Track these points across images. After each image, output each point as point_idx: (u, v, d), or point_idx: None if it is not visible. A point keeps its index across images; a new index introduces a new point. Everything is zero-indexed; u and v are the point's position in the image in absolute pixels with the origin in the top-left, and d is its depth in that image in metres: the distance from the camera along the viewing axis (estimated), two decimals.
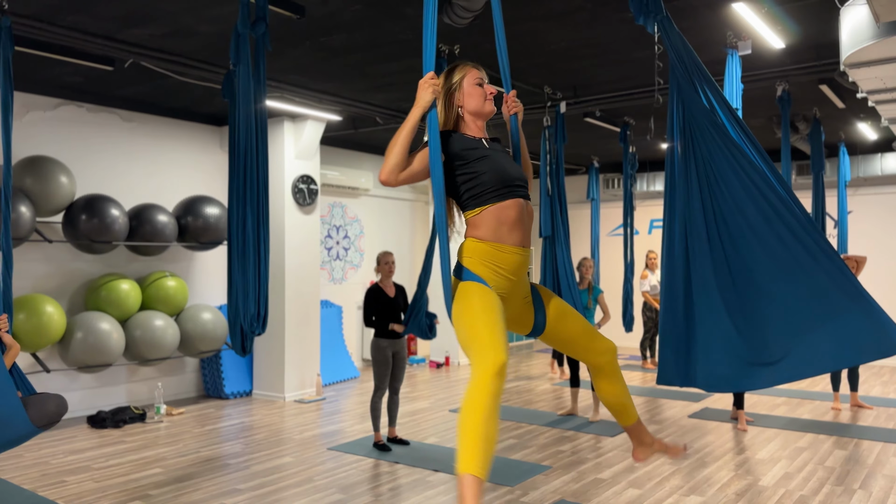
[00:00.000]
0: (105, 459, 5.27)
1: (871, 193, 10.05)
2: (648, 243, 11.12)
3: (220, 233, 7.06)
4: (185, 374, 7.65)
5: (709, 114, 3.21)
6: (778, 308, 2.92)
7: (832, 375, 6.99)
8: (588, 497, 4.41)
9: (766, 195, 3.00)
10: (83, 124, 6.82)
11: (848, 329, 2.76)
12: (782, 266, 2.91)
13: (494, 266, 2.54)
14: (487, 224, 2.56)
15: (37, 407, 3.79)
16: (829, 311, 2.80)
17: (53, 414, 3.81)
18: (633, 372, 9.28)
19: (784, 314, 2.90)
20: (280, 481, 4.75)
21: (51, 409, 3.79)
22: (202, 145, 7.83)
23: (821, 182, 6.95)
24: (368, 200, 10.00)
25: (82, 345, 6.09)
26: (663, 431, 6.08)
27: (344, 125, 8.01)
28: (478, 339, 2.49)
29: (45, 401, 3.83)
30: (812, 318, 2.84)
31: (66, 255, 6.58)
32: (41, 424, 3.81)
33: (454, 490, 4.55)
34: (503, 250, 2.54)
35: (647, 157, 10.67)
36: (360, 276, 9.84)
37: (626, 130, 7.56)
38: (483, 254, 2.54)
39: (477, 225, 2.57)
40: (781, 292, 2.90)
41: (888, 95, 4.77)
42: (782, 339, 2.91)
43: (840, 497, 4.39)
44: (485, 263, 2.54)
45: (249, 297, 4.53)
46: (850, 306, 2.76)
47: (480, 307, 2.51)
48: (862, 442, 5.71)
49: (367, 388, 8.17)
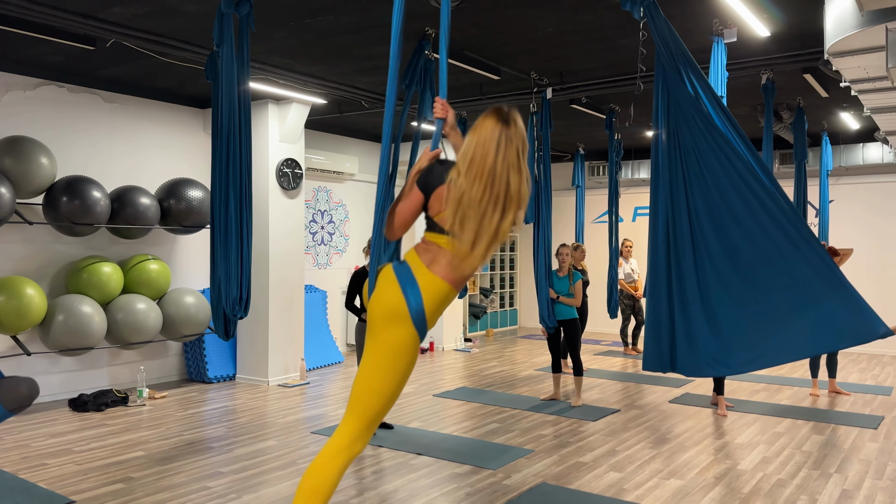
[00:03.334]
0: (87, 442, 5.24)
1: (852, 183, 10.16)
2: (633, 231, 11.19)
3: (202, 216, 7.01)
4: (167, 358, 7.61)
5: (694, 101, 3.23)
6: (759, 295, 2.96)
7: (811, 362, 7.09)
8: (569, 480, 4.45)
9: (749, 184, 3.03)
10: (64, 105, 6.72)
11: (827, 316, 2.80)
12: (764, 254, 2.95)
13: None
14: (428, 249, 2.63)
15: (8, 391, 3.75)
16: (809, 298, 2.85)
17: (25, 397, 3.77)
18: (615, 358, 9.36)
19: (765, 301, 2.94)
20: (263, 464, 4.75)
21: (22, 392, 3.75)
22: (185, 128, 7.75)
23: (803, 171, 7.00)
24: (353, 185, 9.96)
25: (63, 328, 6.03)
26: (644, 416, 6.15)
27: (329, 109, 7.95)
28: (380, 399, 2.59)
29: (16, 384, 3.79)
30: (792, 305, 2.88)
31: (46, 237, 6.51)
32: (12, 408, 3.77)
33: (438, 473, 4.58)
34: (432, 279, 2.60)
35: (633, 145, 10.70)
36: (344, 261, 9.82)
37: (612, 117, 7.57)
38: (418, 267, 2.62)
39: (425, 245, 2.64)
40: (763, 280, 2.95)
41: (871, 85, 4.80)
42: (763, 325, 2.95)
43: (816, 481, 4.46)
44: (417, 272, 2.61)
45: (232, 280, 4.50)
46: (830, 294, 2.80)
47: (400, 355, 2.61)
48: (839, 427, 5.81)
49: (351, 372, 8.18)
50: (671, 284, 3.22)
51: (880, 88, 4.88)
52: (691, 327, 3.13)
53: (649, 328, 3.28)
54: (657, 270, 3.27)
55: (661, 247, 3.27)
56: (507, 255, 12.64)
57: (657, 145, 3.33)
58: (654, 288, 3.29)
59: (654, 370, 3.28)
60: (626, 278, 9.54)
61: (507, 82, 6.69)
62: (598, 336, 11.43)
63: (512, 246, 12.78)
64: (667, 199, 3.26)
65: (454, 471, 4.62)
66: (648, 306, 3.31)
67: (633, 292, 9.52)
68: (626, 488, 4.32)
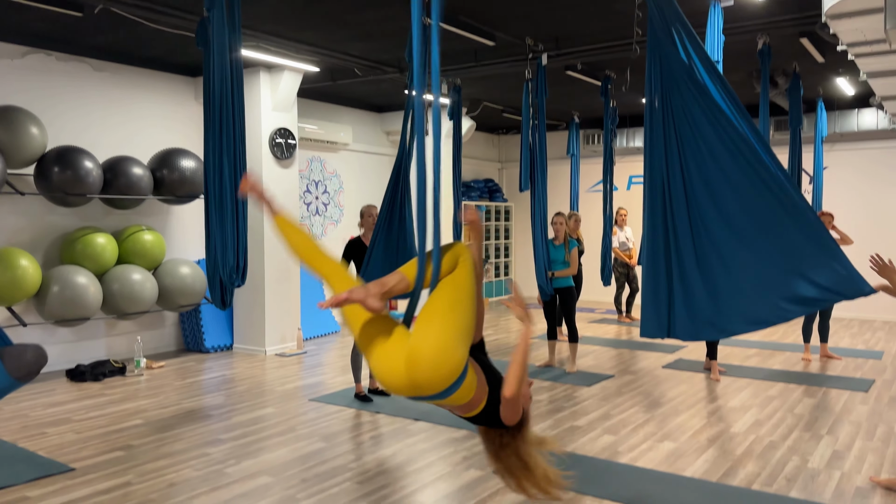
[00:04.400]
0: (85, 412, 5.27)
1: (847, 149, 10.16)
2: (627, 199, 11.19)
3: (196, 186, 6.96)
4: (164, 329, 7.63)
5: (687, 67, 3.21)
6: (753, 259, 3.02)
7: (803, 327, 7.16)
8: (564, 443, 4.51)
9: (743, 151, 3.07)
10: (52, 74, 6.63)
11: (819, 276, 2.90)
12: (757, 220, 3.01)
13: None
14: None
15: (14, 358, 3.72)
16: (801, 261, 2.93)
17: (32, 364, 3.74)
18: (610, 326, 9.43)
19: (759, 265, 3.01)
20: (262, 431, 4.80)
21: (29, 359, 3.71)
22: (176, 96, 7.66)
23: (798, 138, 6.99)
24: (348, 155, 9.90)
25: (59, 298, 6.03)
26: (637, 381, 6.21)
27: (322, 77, 7.87)
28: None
29: (22, 352, 3.76)
30: (786, 268, 2.96)
31: (39, 207, 6.47)
32: (19, 376, 3.75)
33: (435, 437, 4.64)
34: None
35: (628, 113, 10.64)
36: (339, 231, 9.80)
37: (608, 84, 7.51)
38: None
39: None
40: (757, 245, 3.02)
41: (868, 49, 4.77)
42: (757, 288, 3.02)
43: (808, 442, 4.54)
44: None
45: (228, 248, 4.50)
46: (821, 257, 2.91)
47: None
48: (830, 390, 5.89)
49: (347, 342, 8.22)
50: (668, 250, 3.25)
51: (877, 52, 4.85)
52: (689, 292, 3.19)
53: (646, 294, 3.33)
54: (654, 237, 3.29)
55: (657, 213, 3.29)
56: (502, 225, 12.65)
57: (650, 111, 3.32)
58: (650, 254, 3.31)
59: (652, 336, 3.33)
60: (620, 247, 9.57)
61: (502, 48, 6.62)
62: (592, 304, 11.49)
63: (506, 215, 12.78)
64: (662, 165, 3.27)
65: (451, 435, 4.68)
66: (645, 273, 3.35)
67: (628, 260, 9.56)
68: (620, 451, 4.38)
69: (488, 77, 7.74)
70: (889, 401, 5.52)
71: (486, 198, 12.25)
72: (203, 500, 3.62)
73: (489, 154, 13.01)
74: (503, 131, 12.87)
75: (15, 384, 3.72)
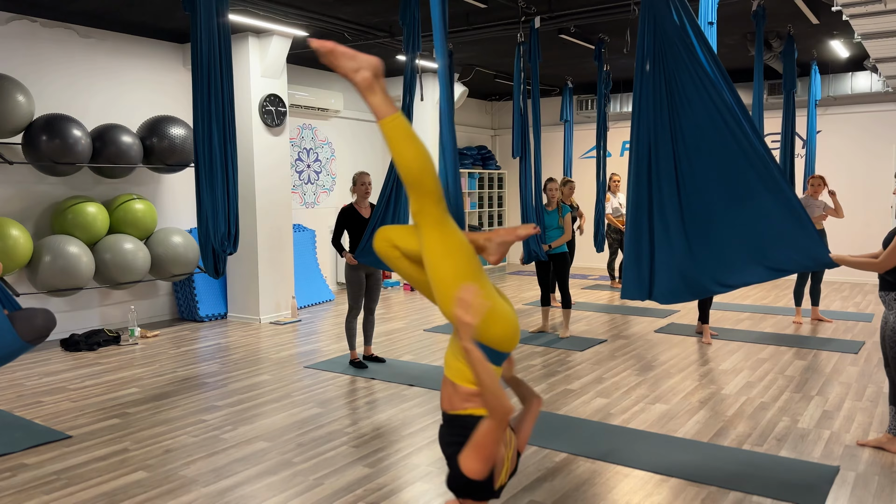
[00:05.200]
0: (81, 380, 5.29)
1: (840, 113, 10.13)
2: (621, 165, 11.15)
3: (186, 155, 6.90)
4: (158, 298, 7.63)
5: (679, 32, 3.25)
6: (729, 227, 3.20)
7: (795, 291, 7.21)
8: (558, 406, 4.56)
9: (727, 121, 3.24)
10: (37, 40, 6.51)
11: (790, 247, 3.12)
12: (736, 190, 3.18)
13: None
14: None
15: (24, 322, 3.78)
16: (774, 232, 3.13)
17: (42, 328, 3.80)
18: (602, 292, 9.48)
19: (734, 233, 3.19)
20: (258, 397, 4.83)
21: (38, 323, 3.77)
22: (164, 63, 7.55)
23: (791, 101, 6.96)
24: (339, 122, 9.81)
25: (51, 268, 6.01)
26: (630, 346, 6.27)
27: None
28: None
29: (32, 316, 3.81)
30: (759, 237, 3.16)
31: (28, 177, 6.40)
32: (30, 339, 3.81)
33: (429, 402, 4.68)
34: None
35: (622, 78, 10.56)
36: (332, 199, 9.76)
37: (601, 48, 7.44)
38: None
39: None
40: (733, 213, 3.19)
41: (863, 9, 4.73)
42: (734, 253, 3.21)
43: (798, 403, 4.60)
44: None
45: (219, 216, 4.48)
46: (794, 229, 3.11)
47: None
48: (821, 353, 5.95)
49: (342, 310, 8.24)
50: (651, 215, 3.38)
51: (872, 13, 4.81)
52: (668, 256, 3.36)
53: (629, 257, 3.46)
54: (638, 201, 3.43)
55: (642, 177, 3.42)
56: (496, 193, 12.61)
57: (641, 75, 3.37)
58: (633, 218, 3.45)
59: (632, 298, 3.51)
60: (613, 213, 9.57)
61: (494, 11, 6.52)
62: (585, 271, 11.53)
63: (500, 183, 12.73)
64: (649, 130, 3.38)
65: None
66: (628, 235, 3.46)
67: (621, 226, 9.57)
68: (612, 413, 4.44)
69: (480, 41, 7.64)
70: (878, 362, 5.58)
71: (479, 165, 12.20)
72: (200, 464, 3.65)
73: (482, 121, 12.92)
74: (496, 98, 12.76)
75: (25, 347, 3.78)
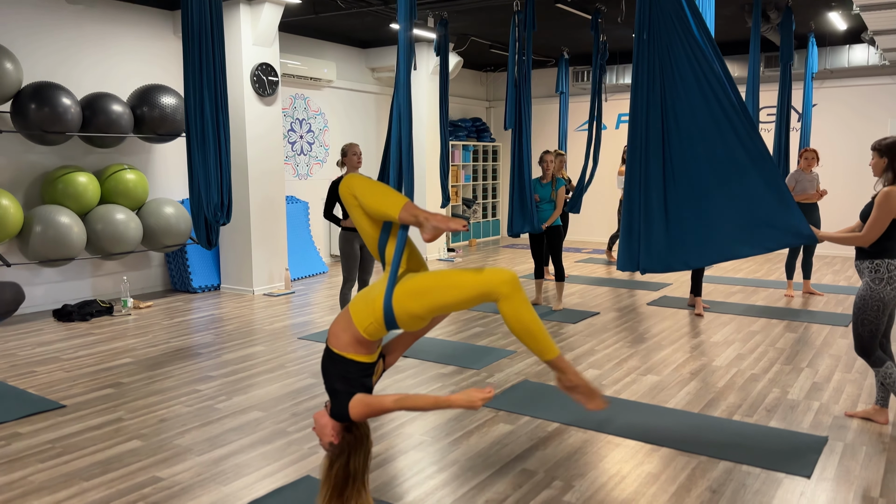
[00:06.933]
0: (74, 351, 5.29)
1: (836, 86, 10.08)
2: (615, 138, 11.10)
3: (177, 124, 6.83)
4: (150, 269, 7.60)
5: (675, 4, 3.27)
6: (716, 202, 3.28)
7: (787, 264, 7.24)
8: (550, 377, 4.59)
9: (719, 97, 3.25)
10: (24, 6, 6.39)
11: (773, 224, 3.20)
12: (724, 165, 3.26)
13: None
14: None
15: None
16: (759, 208, 3.21)
17: (10, 302, 3.76)
18: (596, 265, 9.50)
19: (720, 207, 3.27)
20: (252, 368, 4.84)
21: (7, 297, 3.74)
22: (155, 31, 7.43)
23: (788, 74, 6.92)
24: (332, 93, 9.71)
25: (42, 238, 5.96)
26: (622, 318, 6.30)
27: (304, 10, 7.64)
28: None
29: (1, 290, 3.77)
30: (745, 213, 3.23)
31: (17, 146, 6.33)
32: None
33: (423, 373, 4.70)
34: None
35: (619, 48, 10.45)
36: (325, 171, 9.70)
37: (598, 18, 7.35)
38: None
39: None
40: (720, 189, 3.27)
41: None
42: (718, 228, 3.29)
43: (788, 375, 4.64)
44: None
45: (212, 186, 4.44)
46: (778, 207, 3.19)
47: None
48: (811, 325, 6.00)
49: (335, 282, 8.24)
50: (642, 187, 3.46)
51: None
52: (657, 228, 3.56)
53: (624, 230, 3.59)
54: (632, 173, 3.51)
55: (636, 150, 3.55)
56: (490, 166, 12.56)
57: (639, 45, 3.40)
58: (628, 191, 3.58)
59: (625, 269, 3.61)
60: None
61: None
62: (578, 244, 11.54)
63: (494, 156, 12.67)
64: (644, 102, 3.48)
65: (439, 371, 4.74)
66: (623, 208, 3.52)
67: None
68: (604, 384, 4.47)
69: (476, 10, 7.53)
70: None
71: (473, 137, 12.12)
72: (194, 434, 3.67)
73: (477, 92, 12.81)
74: (491, 69, 12.64)
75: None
